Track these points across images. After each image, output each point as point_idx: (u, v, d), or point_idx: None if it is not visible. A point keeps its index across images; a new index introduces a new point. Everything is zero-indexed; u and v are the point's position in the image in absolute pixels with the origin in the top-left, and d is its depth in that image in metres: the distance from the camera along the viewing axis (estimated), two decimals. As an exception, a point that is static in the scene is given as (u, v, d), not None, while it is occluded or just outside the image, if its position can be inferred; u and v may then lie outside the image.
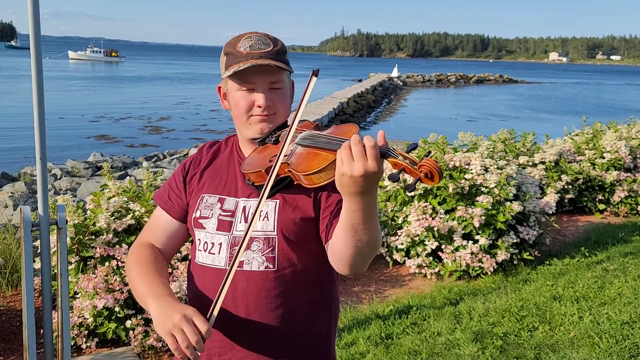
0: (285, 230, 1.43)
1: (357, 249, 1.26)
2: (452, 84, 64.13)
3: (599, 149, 7.63)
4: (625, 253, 5.57)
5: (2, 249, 4.69)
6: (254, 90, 1.45)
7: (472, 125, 25.02)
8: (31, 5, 2.40)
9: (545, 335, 3.72)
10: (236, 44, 1.45)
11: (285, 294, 1.44)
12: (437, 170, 1.11)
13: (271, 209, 1.44)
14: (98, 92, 37.67)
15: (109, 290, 3.58)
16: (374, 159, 1.13)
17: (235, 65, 1.42)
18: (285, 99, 1.50)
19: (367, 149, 1.14)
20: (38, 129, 2.48)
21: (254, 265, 1.43)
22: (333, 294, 1.55)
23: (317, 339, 1.52)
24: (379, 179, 1.16)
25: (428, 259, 5.09)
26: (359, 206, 1.19)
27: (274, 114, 1.48)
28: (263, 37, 1.47)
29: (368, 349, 3.65)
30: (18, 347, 3.66)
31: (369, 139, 1.15)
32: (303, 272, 1.46)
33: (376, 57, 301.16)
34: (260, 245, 1.43)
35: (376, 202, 1.23)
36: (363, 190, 1.16)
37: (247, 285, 1.43)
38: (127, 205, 4.02)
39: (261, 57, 1.42)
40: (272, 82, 1.45)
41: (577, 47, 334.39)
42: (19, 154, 15.43)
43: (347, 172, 1.14)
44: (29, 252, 2.50)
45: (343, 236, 1.27)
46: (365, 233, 1.23)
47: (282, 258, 1.44)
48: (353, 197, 1.17)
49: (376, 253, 1.33)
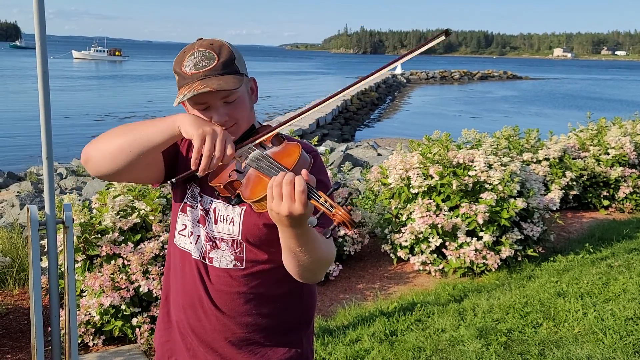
0: (249, 236, 1.48)
1: (301, 267, 1.34)
2: (456, 80, 63.95)
3: (604, 145, 7.61)
4: (630, 249, 5.57)
5: (9, 248, 4.72)
6: (208, 107, 1.43)
7: (476, 122, 24.96)
8: (36, 5, 2.42)
9: (550, 332, 3.72)
10: (182, 63, 1.43)
11: (254, 290, 1.51)
12: (349, 221, 1.14)
13: (237, 214, 1.49)
14: (102, 91, 37.78)
15: (115, 288, 3.61)
16: (301, 203, 1.17)
17: (184, 87, 1.40)
18: (244, 106, 1.47)
19: (297, 193, 1.17)
20: (44, 129, 2.50)
21: (223, 263, 1.50)
22: (303, 288, 1.59)
23: (286, 329, 1.58)
24: (306, 219, 1.20)
25: (432, 256, 5.10)
26: (290, 234, 1.25)
27: (235, 125, 1.46)
28: (206, 52, 1.41)
29: (372, 345, 3.67)
30: (26, 345, 3.69)
31: (300, 183, 1.18)
32: (271, 270, 1.52)
33: (380, 54, 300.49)
34: (229, 244, 1.50)
35: (309, 230, 1.25)
36: (291, 225, 1.22)
37: (217, 281, 1.51)
38: (133, 204, 4.05)
39: (206, 76, 1.38)
40: (224, 97, 1.42)
41: (582, 42, 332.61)
42: (25, 154, 15.52)
43: (275, 209, 1.19)
44: (36, 251, 2.52)
45: (285, 255, 1.34)
46: (304, 255, 1.29)
47: (250, 258, 1.50)
48: (284, 227, 1.23)
49: (329, 266, 1.40)
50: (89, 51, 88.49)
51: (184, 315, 1.56)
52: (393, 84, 46.22)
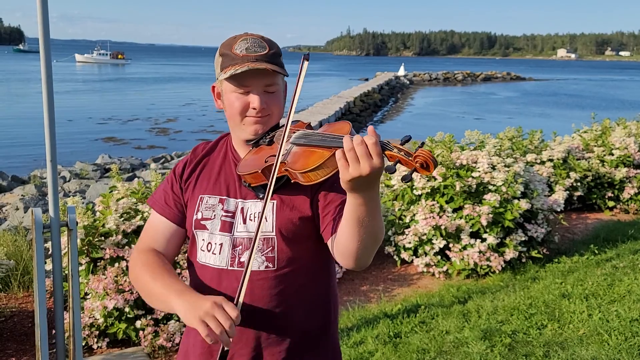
0: (283, 230, 1.46)
1: (363, 241, 1.29)
2: (460, 82, 63.90)
3: (608, 145, 7.58)
4: (635, 250, 5.54)
5: (14, 251, 4.74)
6: (249, 92, 1.46)
7: (479, 123, 24.93)
8: (40, 9, 2.43)
9: (554, 333, 3.71)
10: (232, 46, 1.46)
11: (285, 291, 1.48)
12: (432, 159, 1.14)
13: (269, 209, 1.46)
14: (105, 94, 37.91)
15: (119, 290, 3.61)
16: (378, 155, 1.17)
17: (231, 67, 1.43)
18: (279, 101, 1.52)
19: (370, 147, 1.16)
20: (48, 132, 2.51)
21: (254, 265, 1.46)
22: (331, 288, 1.59)
23: (316, 332, 1.55)
24: (382, 173, 1.19)
25: (436, 258, 5.09)
26: (364, 200, 1.22)
27: (268, 116, 1.49)
28: (259, 40, 1.47)
29: (376, 347, 3.66)
30: (30, 348, 3.70)
31: (370, 137, 1.18)
32: (302, 269, 1.50)
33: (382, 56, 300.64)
34: (259, 245, 1.46)
35: (378, 193, 1.26)
36: (368, 186, 1.20)
37: (249, 286, 1.45)
38: (136, 207, 4.06)
39: (257, 60, 1.43)
40: (267, 85, 1.46)
41: (586, 43, 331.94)
42: (29, 157, 15.58)
43: (355, 173, 1.17)
44: (40, 254, 2.53)
45: (350, 230, 1.29)
46: (370, 225, 1.26)
47: (282, 257, 1.47)
48: (359, 192, 1.21)
49: (379, 244, 1.36)
50: (91, 54, 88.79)
51: None
52: (396, 85, 46.22)
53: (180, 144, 18.82)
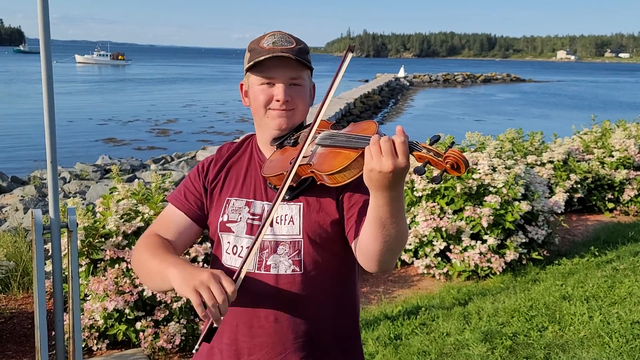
0: (311, 233, 1.44)
1: (386, 244, 1.26)
2: (460, 83, 63.91)
3: (608, 147, 7.58)
4: (635, 252, 5.54)
5: (14, 252, 4.73)
6: (273, 84, 1.46)
7: (480, 125, 24.92)
8: (41, 10, 2.43)
9: (555, 335, 3.70)
10: (260, 41, 1.48)
11: (312, 295, 1.46)
12: (463, 160, 1.11)
13: (295, 212, 1.44)
14: (105, 95, 37.89)
15: (119, 292, 3.61)
16: (404, 154, 1.15)
17: (256, 58, 1.44)
18: (305, 96, 1.51)
19: (397, 145, 1.15)
20: (48, 133, 2.50)
21: (281, 268, 1.44)
22: (356, 291, 1.58)
23: (343, 337, 1.53)
24: (406, 173, 1.17)
25: (436, 260, 5.08)
26: (386, 200, 1.19)
27: (293, 110, 1.48)
28: (286, 36, 1.49)
29: (377, 349, 3.65)
30: (30, 349, 3.69)
31: (399, 136, 1.16)
32: (328, 273, 1.48)
33: (382, 58, 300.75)
34: (286, 249, 1.44)
35: (403, 195, 1.23)
36: (391, 185, 1.17)
37: (275, 288, 1.44)
38: (136, 208, 4.05)
39: (283, 52, 1.43)
40: (292, 78, 1.46)
41: (586, 45, 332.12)
42: (29, 158, 15.56)
43: (377, 168, 1.15)
44: (40, 255, 2.53)
45: (372, 231, 1.26)
46: (393, 227, 1.23)
47: (308, 261, 1.45)
48: (381, 191, 1.19)
49: (404, 247, 1.33)
50: (92, 55, 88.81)
51: (235, 335, 1.48)
52: (396, 87, 46.21)
53: (180, 145, 18.80)
